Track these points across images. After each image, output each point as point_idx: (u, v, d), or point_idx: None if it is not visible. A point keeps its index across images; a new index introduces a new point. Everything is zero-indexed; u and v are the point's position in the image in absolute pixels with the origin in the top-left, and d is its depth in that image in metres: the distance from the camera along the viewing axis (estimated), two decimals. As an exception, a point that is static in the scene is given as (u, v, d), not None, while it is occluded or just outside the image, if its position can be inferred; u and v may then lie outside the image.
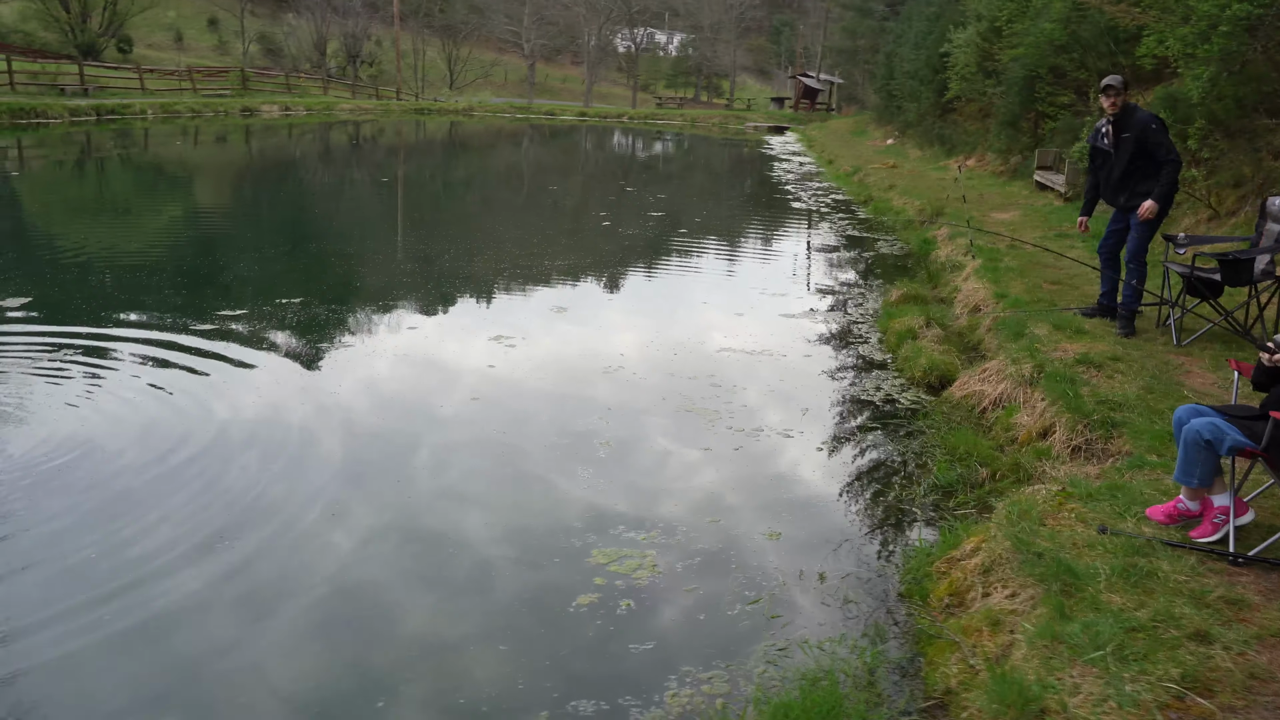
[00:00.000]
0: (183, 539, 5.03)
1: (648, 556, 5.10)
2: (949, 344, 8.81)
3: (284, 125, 40.44)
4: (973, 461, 6.16)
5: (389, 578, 4.81)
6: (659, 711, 3.86)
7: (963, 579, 4.50)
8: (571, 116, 57.67)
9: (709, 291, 12.06)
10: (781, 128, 53.66)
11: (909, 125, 31.91)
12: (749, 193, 25.76)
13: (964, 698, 3.70)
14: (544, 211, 20.41)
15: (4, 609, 4.32)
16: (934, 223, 15.55)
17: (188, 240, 14.61)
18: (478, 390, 7.61)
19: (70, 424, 6.46)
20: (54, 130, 30.31)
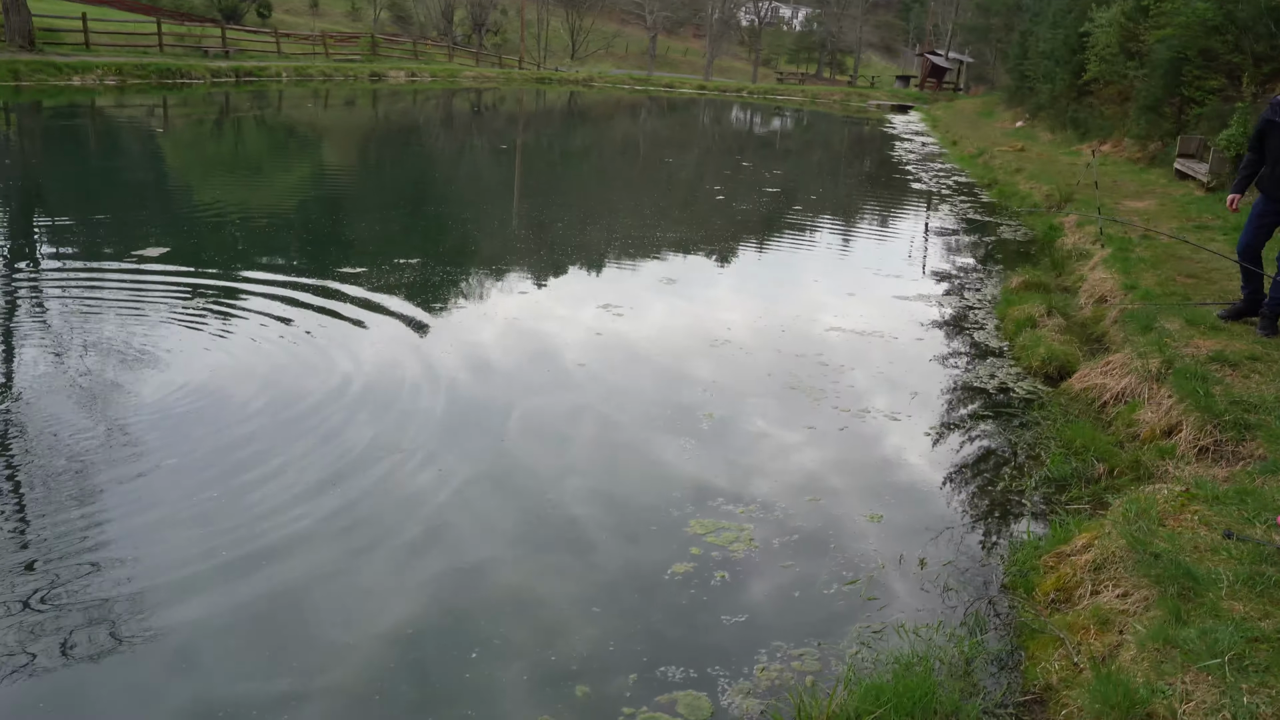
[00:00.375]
0: (297, 483, 5.24)
1: (745, 530, 5.08)
2: (1070, 334, 8.47)
3: (409, 91, 41.41)
4: (1089, 456, 5.93)
5: (488, 533, 4.92)
6: (747, 684, 3.86)
7: (1071, 575, 4.34)
8: (690, 90, 57.37)
9: (821, 270, 11.87)
10: (905, 106, 52.26)
11: (1041, 107, 30.65)
12: (867, 171, 25.22)
13: (1065, 695, 3.58)
14: (658, 183, 20.40)
15: (134, 544, 4.58)
16: (1062, 209, 14.94)
17: (314, 199, 15.13)
18: (583, 357, 7.69)
19: (200, 370, 6.79)
20: (196, 90, 31.73)
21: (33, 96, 25.57)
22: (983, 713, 3.63)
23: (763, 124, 40.86)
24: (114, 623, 3.95)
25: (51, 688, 3.57)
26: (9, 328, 7.48)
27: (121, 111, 25.29)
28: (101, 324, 7.60)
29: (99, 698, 3.55)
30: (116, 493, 4.98)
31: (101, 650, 3.78)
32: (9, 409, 5.92)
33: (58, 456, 5.31)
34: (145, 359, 6.89)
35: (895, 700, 3.53)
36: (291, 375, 6.83)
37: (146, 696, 3.57)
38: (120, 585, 4.19)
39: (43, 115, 23.11)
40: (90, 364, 6.75)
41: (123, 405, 6.06)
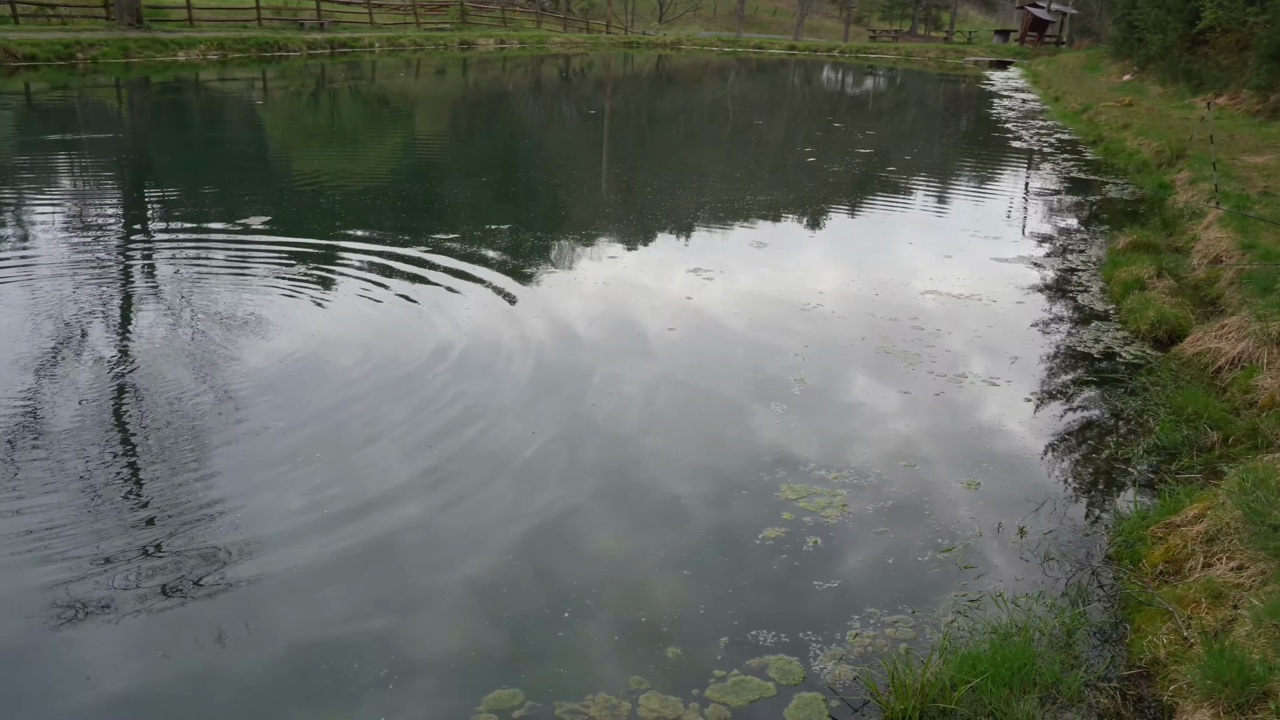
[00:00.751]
0: (396, 444, 5.37)
1: (838, 496, 5.02)
2: (1182, 296, 8.10)
3: (498, 58, 41.65)
4: (1202, 424, 5.67)
5: (579, 496, 4.96)
6: (839, 649, 3.82)
7: (1181, 546, 4.17)
8: (780, 50, 56.35)
9: (915, 232, 11.59)
10: (1004, 62, 50.41)
11: (1150, 59, 29.19)
12: (964, 130, 24.45)
13: (1173, 670, 3.45)
14: (747, 146, 20.14)
15: (244, 499, 4.76)
16: (1173, 165, 14.25)
17: (408, 167, 15.37)
18: (674, 321, 7.67)
19: (303, 336, 6.99)
20: (293, 63, 32.48)
21: (141, 72, 26.51)
22: (1085, 685, 3.53)
23: (854, 84, 39.93)
24: (225, 567, 4.12)
25: (169, 626, 3.74)
26: (124, 295, 7.82)
27: (223, 85, 26.07)
28: (209, 291, 7.88)
29: (211, 635, 3.71)
30: (227, 452, 5.18)
31: (214, 592, 3.95)
32: (127, 373, 6.19)
33: (173, 418, 5.54)
34: (251, 325, 7.12)
35: (993, 670, 3.46)
36: (389, 340, 6.98)
37: (255, 636, 3.72)
38: (231, 534, 4.37)
39: (151, 90, 23.96)
40: (200, 329, 7.02)
41: (231, 370, 6.29)
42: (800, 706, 3.50)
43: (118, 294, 7.82)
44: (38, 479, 4.79)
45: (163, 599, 3.95)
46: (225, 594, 4.01)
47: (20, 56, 24.94)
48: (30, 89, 21.91)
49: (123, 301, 7.66)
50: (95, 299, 7.59)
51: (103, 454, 5.10)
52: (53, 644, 3.68)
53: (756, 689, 3.59)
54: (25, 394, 5.77)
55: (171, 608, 3.90)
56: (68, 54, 26.35)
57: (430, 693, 3.52)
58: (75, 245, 9.13)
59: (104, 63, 26.85)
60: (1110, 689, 3.53)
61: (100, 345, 6.67)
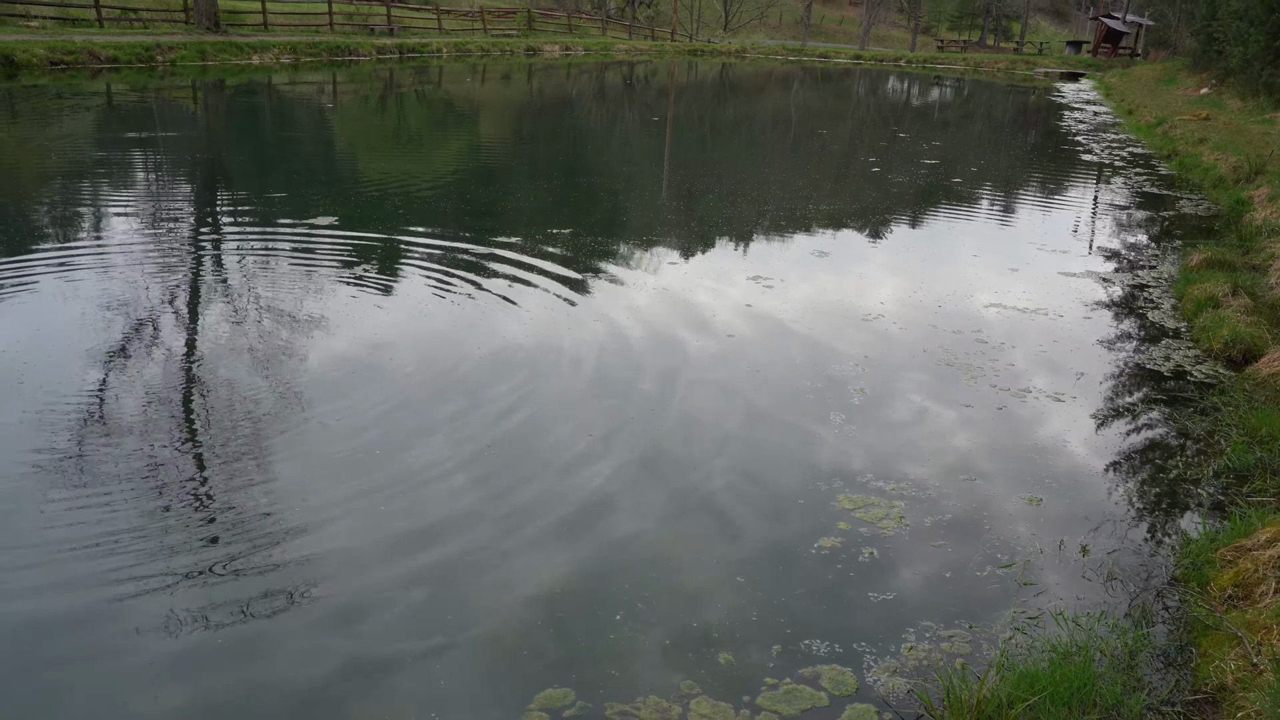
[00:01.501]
0: (453, 446, 5.44)
1: (895, 507, 4.96)
2: (1258, 315, 7.86)
3: (563, 65, 41.99)
4: (1277, 446, 5.50)
5: (633, 500, 4.98)
6: (893, 662, 3.78)
7: (1253, 570, 4.05)
8: (845, 59, 55.97)
9: (980, 244, 11.42)
10: (1076, 74, 49.47)
11: (1230, 72, 28.41)
12: (1032, 143, 24.03)
13: (1241, 697, 3.35)
14: (811, 155, 20.03)
15: (301, 494, 4.86)
16: (1252, 181, 13.84)
17: (472, 170, 15.57)
18: (734, 328, 7.65)
19: (365, 334, 7.12)
20: (363, 67, 33.11)
21: (217, 75, 27.25)
22: (1146, 708, 3.44)
23: (921, 94, 39.49)
24: (282, 563, 4.21)
25: (225, 617, 3.84)
26: (192, 291, 8.04)
27: (295, 89, 26.66)
28: (275, 289, 8.06)
29: (267, 628, 3.79)
30: (287, 449, 5.29)
31: (271, 586, 4.04)
32: (193, 368, 6.37)
33: (235, 413, 5.68)
34: (315, 323, 7.27)
35: (1051, 689, 3.39)
36: (449, 340, 7.08)
37: (309, 630, 3.79)
38: (290, 530, 4.46)
39: (225, 92, 24.61)
40: (265, 326, 7.18)
41: (294, 367, 6.42)
42: (852, 717, 3.47)
43: (186, 291, 8.04)
44: (103, 471, 4.94)
45: (219, 592, 4.05)
46: (281, 590, 4.09)
47: (104, 59, 25.79)
48: (111, 90, 22.64)
49: (190, 298, 7.87)
50: (164, 295, 7.82)
51: (167, 448, 5.25)
52: (111, 631, 3.79)
53: (809, 698, 3.56)
54: (94, 386, 5.96)
55: (227, 602, 3.99)
56: (148, 56, 27.18)
57: (481, 689, 3.56)
58: (147, 242, 9.41)
59: (182, 65, 27.65)
60: (1174, 714, 3.44)
61: (168, 340, 6.86)
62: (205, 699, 3.46)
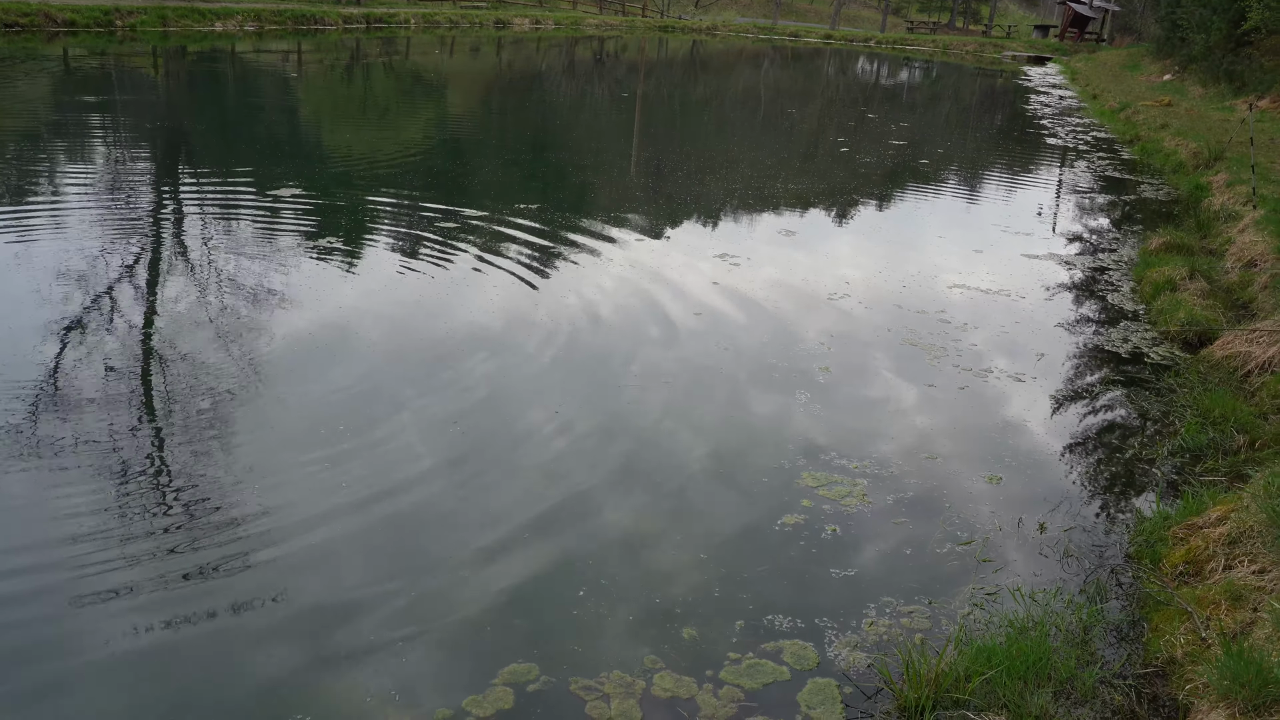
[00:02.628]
0: (418, 421, 5.41)
1: (858, 485, 5.02)
2: (1214, 299, 8.01)
3: (533, 39, 41.61)
4: (1229, 427, 5.62)
5: (599, 477, 4.99)
6: (854, 637, 3.83)
7: (1204, 548, 4.15)
8: (816, 39, 55.94)
9: (946, 226, 11.51)
10: (1043, 58, 49.79)
11: (1192, 59, 28.74)
12: (999, 126, 24.21)
13: (1189, 670, 3.44)
14: (780, 134, 20.04)
15: (264, 472, 4.82)
16: (1211, 167, 14.05)
17: (439, 144, 15.41)
18: (701, 306, 7.66)
19: (329, 309, 7.04)
20: (329, 36, 32.59)
21: (179, 41, 26.70)
22: (1100, 682, 3.52)
23: (890, 75, 39.60)
24: (245, 538, 4.18)
25: (189, 592, 3.81)
26: (151, 263, 7.90)
27: (259, 57, 26.20)
28: (236, 262, 7.95)
29: (230, 603, 3.77)
30: (249, 422, 5.24)
31: (234, 562, 4.01)
32: (152, 341, 6.27)
33: (197, 391, 5.61)
34: (277, 297, 7.18)
35: (1007, 663, 3.46)
36: (415, 316, 7.03)
37: (274, 605, 3.77)
38: (252, 504, 4.43)
39: (187, 60, 24.13)
40: (226, 301, 7.09)
41: (255, 341, 6.35)
42: (814, 691, 3.52)
43: (144, 262, 7.91)
44: (60, 444, 4.87)
45: (182, 565, 4.01)
46: (245, 563, 4.07)
47: (60, 22, 25.18)
48: (69, 54, 22.11)
49: (149, 270, 7.75)
50: (122, 267, 7.68)
51: (125, 423, 5.18)
52: (71, 601, 3.75)
53: (770, 672, 3.61)
54: (50, 360, 5.86)
55: (190, 574, 3.96)
56: (107, 20, 26.57)
57: (447, 663, 3.56)
58: (104, 212, 9.23)
59: (142, 31, 27.07)
60: (1125, 686, 3.52)
61: (126, 312, 6.75)
62: (168, 673, 3.43)
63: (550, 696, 3.42)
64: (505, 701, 3.38)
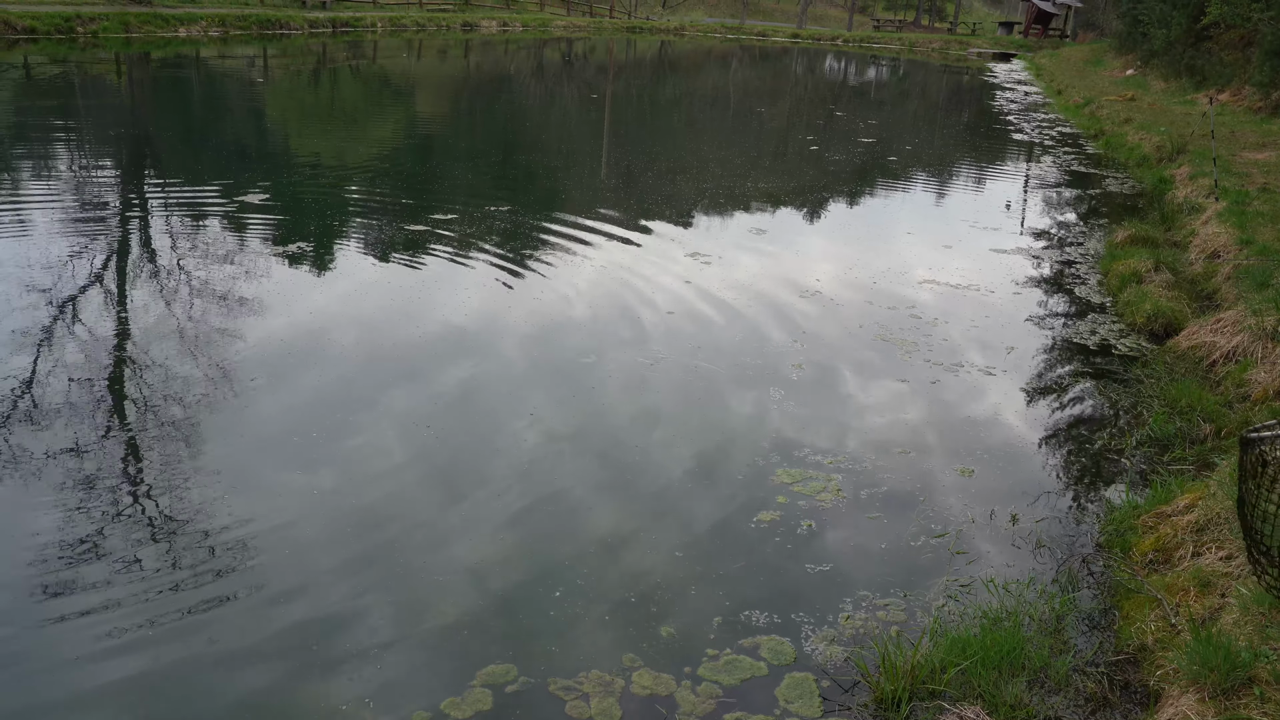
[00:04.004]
0: (392, 423, 5.38)
1: (833, 480, 5.05)
2: (1179, 290, 8.12)
3: (501, 41, 41.49)
4: (1195, 416, 5.71)
5: (574, 477, 4.99)
6: (831, 631, 3.86)
7: (1172, 535, 4.21)
8: (783, 38, 56.18)
9: (915, 222, 11.60)
10: (1008, 55, 50.29)
11: (1154, 54, 29.13)
12: (966, 122, 24.42)
13: (1160, 656, 3.49)
14: (750, 134, 20.11)
15: (237, 476, 4.78)
16: (1174, 160, 14.25)
17: (408, 147, 15.34)
18: (673, 305, 7.68)
19: (300, 314, 6.99)
20: (295, 40, 32.33)
21: (142, 48, 26.39)
22: (1073, 670, 3.56)
23: (858, 74, 39.84)
24: (219, 545, 4.14)
25: (161, 600, 3.77)
26: (118, 271, 7.81)
27: (224, 62, 25.96)
28: (205, 268, 7.88)
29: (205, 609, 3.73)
30: (221, 428, 5.19)
31: (208, 567, 3.97)
32: (121, 348, 6.20)
33: (168, 399, 5.55)
34: (247, 303, 7.12)
35: (982, 653, 3.50)
36: (387, 320, 6.99)
37: (250, 611, 3.74)
38: (225, 510, 4.39)
39: (151, 66, 23.85)
40: (195, 307, 7.02)
41: (225, 347, 6.29)
42: (791, 686, 3.54)
43: (112, 270, 7.82)
44: (29, 456, 4.81)
45: (153, 574, 3.97)
46: (218, 569, 4.03)
47: (20, 29, 24.81)
48: (29, 62, 21.80)
49: (117, 278, 7.66)
50: (89, 274, 7.59)
51: (95, 431, 5.12)
52: (43, 618, 3.70)
53: (748, 668, 3.62)
54: (16, 369, 5.77)
55: (163, 582, 3.92)
56: (68, 27, 26.21)
57: (425, 666, 3.55)
58: (69, 220, 9.11)
59: (104, 37, 26.72)
60: (1097, 674, 3.57)
61: (93, 320, 6.67)
62: (141, 684, 3.39)
63: (529, 697, 3.42)
64: (484, 703, 3.37)
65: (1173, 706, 3.15)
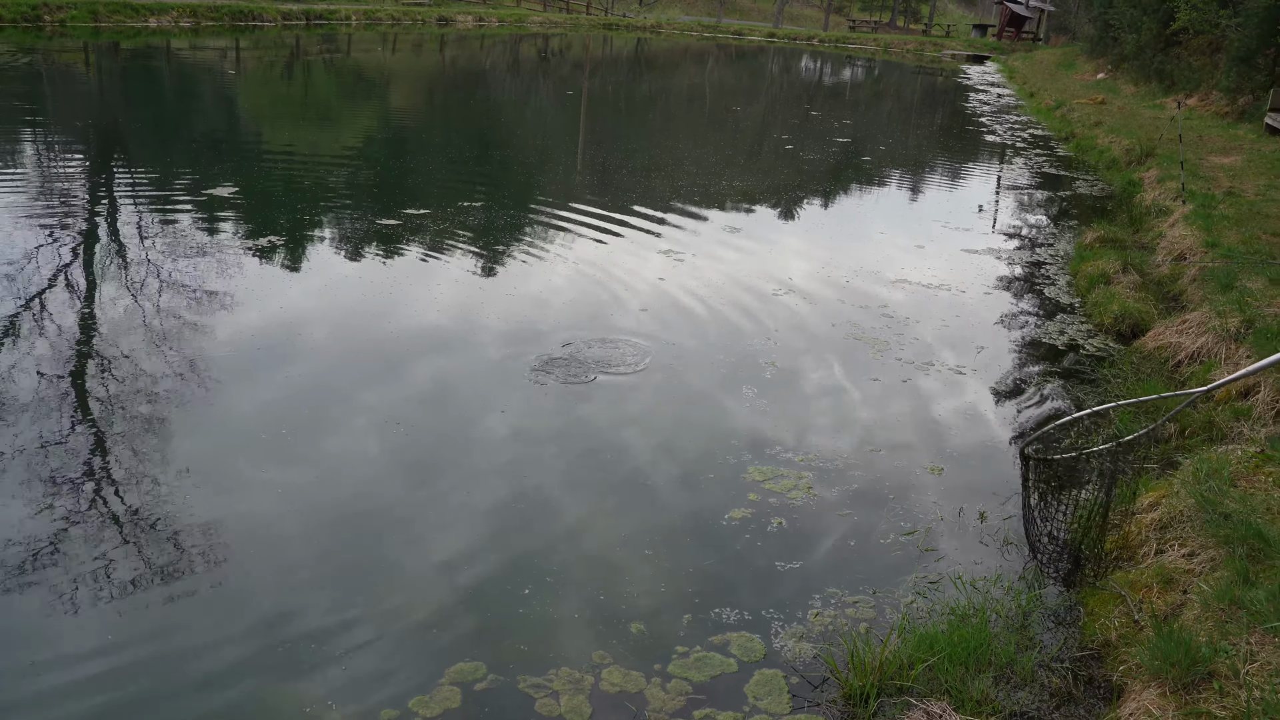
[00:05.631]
0: (363, 420, 5.35)
1: (804, 479, 5.07)
2: (1146, 292, 8.22)
3: (477, 36, 41.31)
4: (1160, 415, 5.77)
5: (546, 474, 4.98)
6: (800, 628, 3.87)
7: (1136, 533, 4.27)
8: (759, 37, 56.32)
9: (888, 222, 11.67)
10: (982, 57, 50.70)
11: (1124, 58, 29.48)
12: (939, 124, 24.59)
13: (1123, 652, 3.53)
14: (725, 132, 20.15)
15: (208, 473, 4.74)
16: (1143, 164, 14.43)
17: (382, 142, 15.24)
18: (647, 303, 7.68)
19: (271, 308, 6.94)
20: (268, 33, 32.03)
21: (111, 38, 26.04)
22: (1038, 665, 3.60)
23: (833, 74, 40.02)
24: (188, 543, 4.10)
25: (131, 597, 3.73)
26: (87, 265, 7.71)
27: (195, 54, 25.67)
28: (175, 263, 7.79)
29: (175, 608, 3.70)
30: (191, 424, 5.15)
31: (177, 566, 3.93)
32: (90, 344, 6.12)
33: (137, 395, 5.49)
34: (216, 297, 7.06)
35: (949, 650, 3.53)
36: (360, 316, 6.95)
37: (219, 608, 3.71)
38: (195, 507, 4.34)
39: (120, 57, 23.55)
40: (165, 302, 6.95)
41: (197, 345, 6.23)
42: (761, 682, 3.55)
43: (80, 264, 7.72)
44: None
45: (121, 571, 3.93)
46: (183, 567, 3.99)
47: (-14, 17, 24.42)
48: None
49: (85, 272, 7.56)
50: (56, 267, 7.49)
51: (62, 428, 5.05)
52: (3, 618, 3.65)
53: (718, 665, 3.64)
54: (-13, 359, 5.69)
55: (128, 580, 3.88)
56: (34, 15, 25.82)
57: (393, 664, 3.53)
58: (36, 213, 8.98)
59: (72, 26, 26.36)
60: (1062, 669, 3.61)
61: (59, 314, 6.58)
62: (108, 682, 3.35)
63: (498, 695, 3.41)
64: (452, 701, 3.36)
65: (1135, 701, 3.20)
